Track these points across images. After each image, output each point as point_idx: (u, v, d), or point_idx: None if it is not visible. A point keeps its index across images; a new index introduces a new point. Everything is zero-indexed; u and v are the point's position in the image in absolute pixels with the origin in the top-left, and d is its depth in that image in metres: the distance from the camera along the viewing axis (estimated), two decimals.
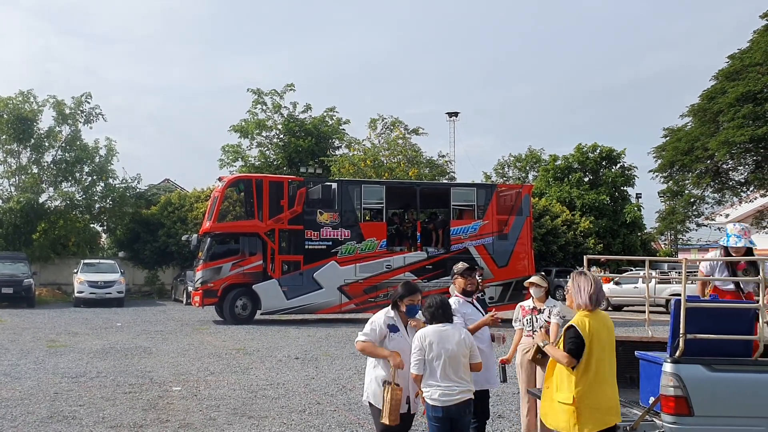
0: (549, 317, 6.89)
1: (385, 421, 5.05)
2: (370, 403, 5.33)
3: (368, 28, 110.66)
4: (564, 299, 7.61)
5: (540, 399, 6.30)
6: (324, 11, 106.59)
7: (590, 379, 4.55)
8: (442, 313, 5.22)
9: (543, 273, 7.55)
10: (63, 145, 33.16)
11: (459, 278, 6.15)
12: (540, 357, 6.83)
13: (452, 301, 6.03)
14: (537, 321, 6.93)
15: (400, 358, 5.12)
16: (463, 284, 6.11)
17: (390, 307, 5.43)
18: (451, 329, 5.16)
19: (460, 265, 6.23)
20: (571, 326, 4.63)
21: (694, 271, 19.81)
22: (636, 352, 5.75)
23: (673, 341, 5.02)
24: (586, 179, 43.46)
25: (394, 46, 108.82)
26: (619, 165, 43.90)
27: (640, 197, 47.72)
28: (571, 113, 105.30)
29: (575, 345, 4.58)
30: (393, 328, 5.29)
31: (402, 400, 5.17)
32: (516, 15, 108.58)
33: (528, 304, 7.14)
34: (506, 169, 51.90)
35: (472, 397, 5.11)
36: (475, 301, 6.19)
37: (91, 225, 35.81)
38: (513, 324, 7.20)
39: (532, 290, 7.11)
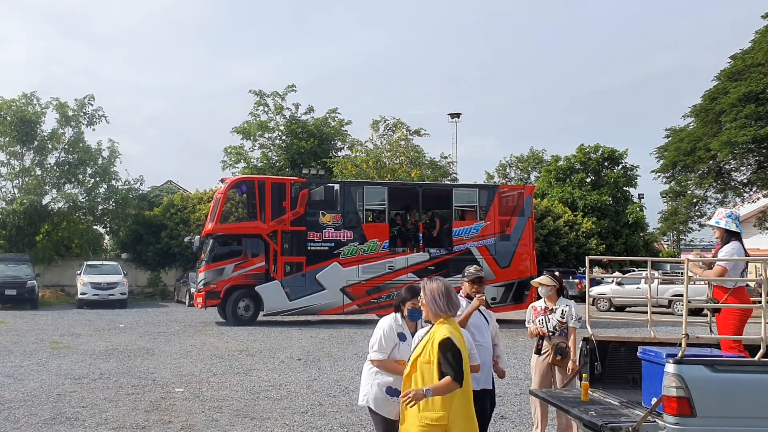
0: (561, 317, 6.86)
1: None
2: (370, 408, 5.30)
3: (370, 29, 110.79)
4: (570, 298, 7.60)
5: (547, 402, 6.31)
6: (325, 12, 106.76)
7: (463, 394, 4.23)
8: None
9: (552, 272, 7.50)
10: (66, 147, 33.20)
11: (467, 283, 6.12)
12: (560, 359, 6.82)
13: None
14: (550, 321, 6.91)
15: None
16: (469, 289, 6.10)
17: (395, 312, 5.34)
18: None
19: (473, 270, 6.20)
20: (449, 340, 4.20)
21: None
22: (638, 353, 5.75)
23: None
24: (588, 180, 43.44)
25: (396, 47, 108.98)
26: (621, 165, 43.90)
27: (643, 198, 47.70)
28: (573, 114, 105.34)
29: (459, 364, 4.17)
30: (401, 336, 5.21)
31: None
32: (517, 15, 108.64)
33: (540, 304, 7.12)
34: (508, 170, 51.93)
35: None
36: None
37: (94, 227, 35.85)
38: (526, 325, 7.21)
39: (540, 290, 7.10)
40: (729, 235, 6.27)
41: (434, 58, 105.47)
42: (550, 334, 6.90)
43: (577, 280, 32.14)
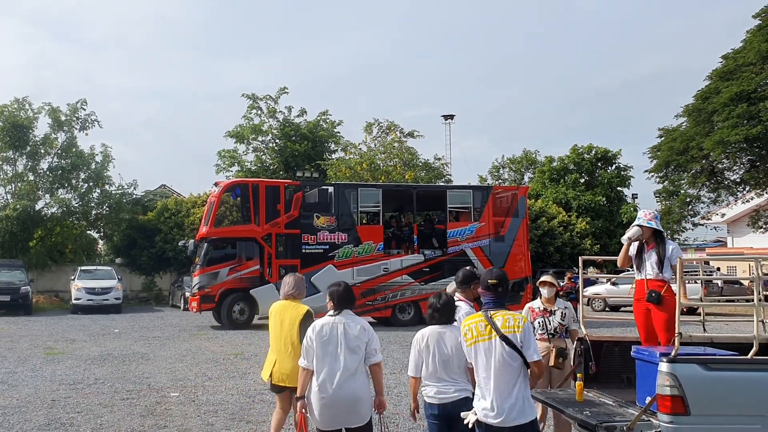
0: (562, 319, 6.85)
1: None
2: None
3: (362, 32, 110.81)
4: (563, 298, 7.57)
5: (542, 403, 6.32)
6: (318, 15, 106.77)
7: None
8: (441, 315, 5.23)
9: (554, 272, 7.46)
10: (59, 152, 33.08)
11: (471, 287, 6.09)
12: (561, 361, 6.81)
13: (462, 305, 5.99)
14: (550, 323, 6.89)
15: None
16: (477, 293, 6.08)
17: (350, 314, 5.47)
18: (450, 332, 5.18)
19: (466, 271, 6.16)
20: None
21: (692, 271, 19.83)
22: (632, 352, 5.77)
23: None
24: (582, 180, 43.51)
25: (389, 49, 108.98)
26: (614, 166, 43.99)
27: (636, 198, 47.80)
28: (566, 115, 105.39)
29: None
30: None
31: None
32: (510, 18, 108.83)
33: (537, 305, 7.07)
34: (501, 171, 51.96)
35: (470, 396, 5.12)
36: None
37: (88, 231, 35.72)
38: None
39: (544, 290, 7.04)
40: (656, 235, 6.31)
41: (428, 60, 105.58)
42: (550, 336, 6.88)
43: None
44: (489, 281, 4.68)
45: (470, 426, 4.60)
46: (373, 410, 5.33)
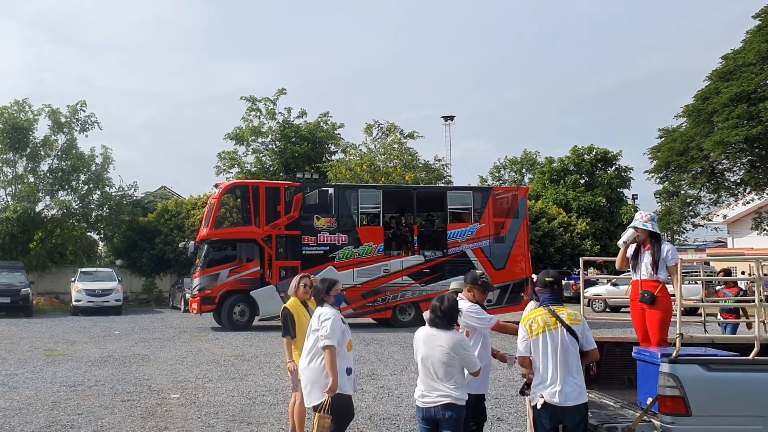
0: None
1: None
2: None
3: (362, 33, 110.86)
4: (566, 299, 7.55)
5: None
6: (317, 18, 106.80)
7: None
8: (437, 318, 5.21)
9: (561, 270, 7.39)
10: (59, 153, 33.07)
11: (475, 289, 6.07)
12: None
13: (471, 307, 5.98)
14: None
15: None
16: (478, 296, 6.06)
17: (322, 306, 5.96)
18: (442, 336, 5.12)
19: (483, 278, 6.15)
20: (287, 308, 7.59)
21: (692, 272, 19.78)
22: (633, 353, 5.76)
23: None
24: (582, 181, 43.53)
25: (388, 51, 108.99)
26: (614, 167, 44.01)
27: (636, 198, 47.83)
28: (566, 115, 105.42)
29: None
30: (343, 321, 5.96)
31: None
32: (509, 19, 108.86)
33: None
34: (502, 172, 52.02)
35: (453, 402, 5.05)
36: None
37: (88, 233, 35.68)
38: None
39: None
40: (652, 237, 6.31)
41: (427, 62, 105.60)
42: None
43: (572, 281, 32.20)
44: (546, 279, 5.21)
45: (538, 408, 5.00)
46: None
